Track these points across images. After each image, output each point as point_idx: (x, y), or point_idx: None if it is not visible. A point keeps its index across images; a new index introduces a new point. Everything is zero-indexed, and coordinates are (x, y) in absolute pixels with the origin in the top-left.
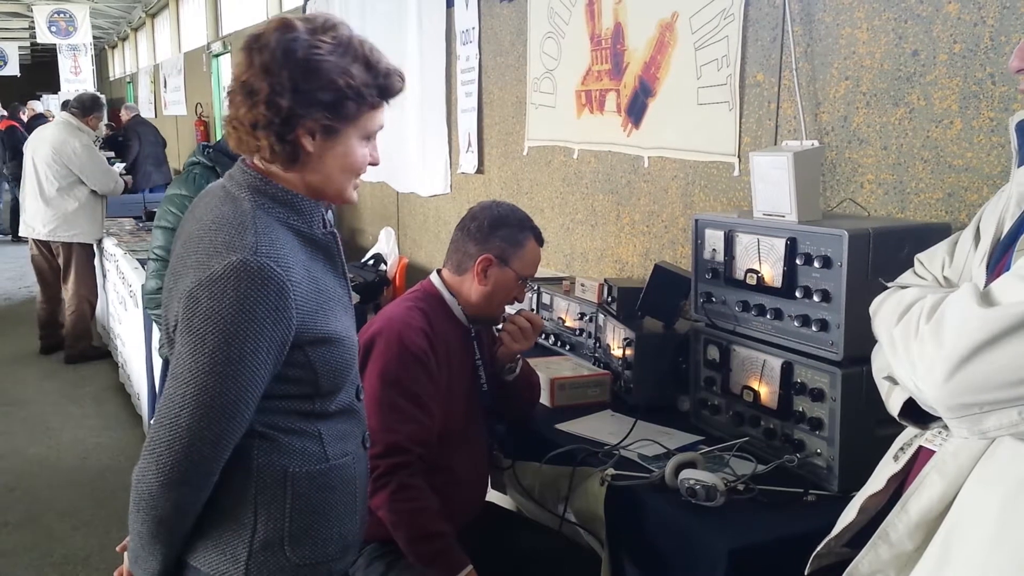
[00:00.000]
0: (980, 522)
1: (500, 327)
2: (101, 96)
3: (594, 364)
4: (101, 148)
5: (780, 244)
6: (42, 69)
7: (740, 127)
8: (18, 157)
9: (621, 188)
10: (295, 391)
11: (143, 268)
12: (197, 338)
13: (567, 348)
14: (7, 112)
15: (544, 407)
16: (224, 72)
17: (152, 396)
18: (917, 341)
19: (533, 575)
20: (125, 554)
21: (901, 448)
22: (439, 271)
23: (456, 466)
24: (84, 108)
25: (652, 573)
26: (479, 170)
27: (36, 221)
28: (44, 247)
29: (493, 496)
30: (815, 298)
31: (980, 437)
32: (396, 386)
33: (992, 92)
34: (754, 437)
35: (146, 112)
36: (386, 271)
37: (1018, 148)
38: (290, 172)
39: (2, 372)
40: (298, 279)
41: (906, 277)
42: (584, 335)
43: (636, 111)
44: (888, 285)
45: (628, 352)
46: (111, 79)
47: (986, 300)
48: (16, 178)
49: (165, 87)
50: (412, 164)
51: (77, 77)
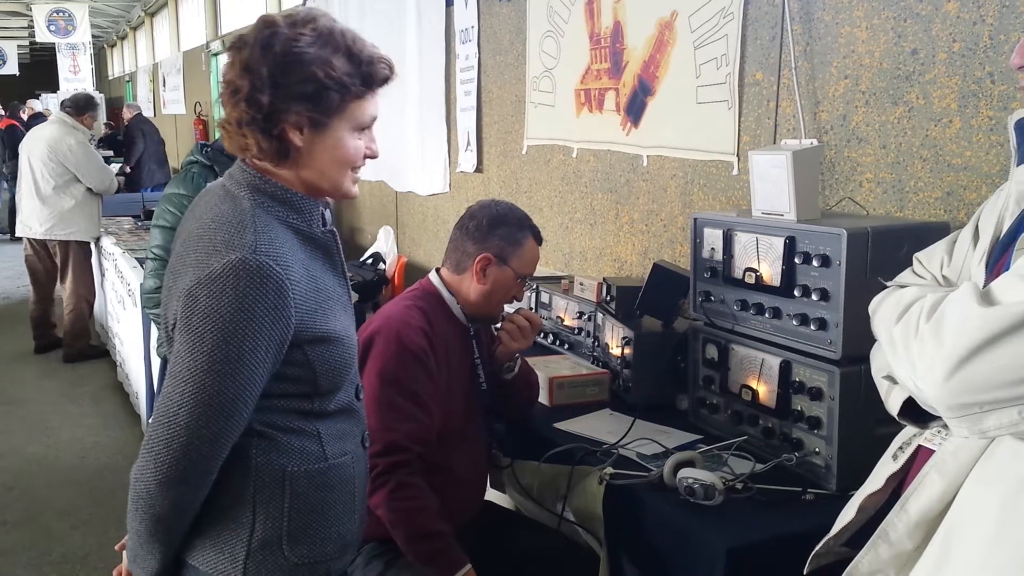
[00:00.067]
0: (980, 521)
1: (499, 326)
2: (95, 96)
3: (593, 363)
4: (100, 147)
5: (779, 243)
6: (41, 68)
7: (739, 126)
8: (18, 156)
9: (620, 187)
10: (294, 390)
11: (141, 267)
12: (196, 336)
13: (566, 347)
14: (7, 111)
15: (543, 406)
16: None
17: (151, 395)
18: (917, 340)
19: (532, 574)
20: (124, 553)
21: (900, 447)
22: (438, 270)
23: (455, 465)
24: (78, 107)
25: (650, 572)
26: (478, 169)
27: (32, 220)
28: (40, 247)
29: (492, 495)
30: (814, 297)
31: (980, 436)
32: (395, 385)
33: (991, 91)
34: (752, 436)
35: (145, 111)
36: (385, 270)
37: (1017, 147)
38: (284, 169)
39: (0, 371)
40: (297, 278)
41: (905, 276)
42: (583, 334)
43: (635, 110)
44: (887, 284)
45: (627, 351)
46: (110, 78)
47: (986, 299)
48: (15, 177)
49: (164, 86)
50: (411, 163)
51: (76, 76)
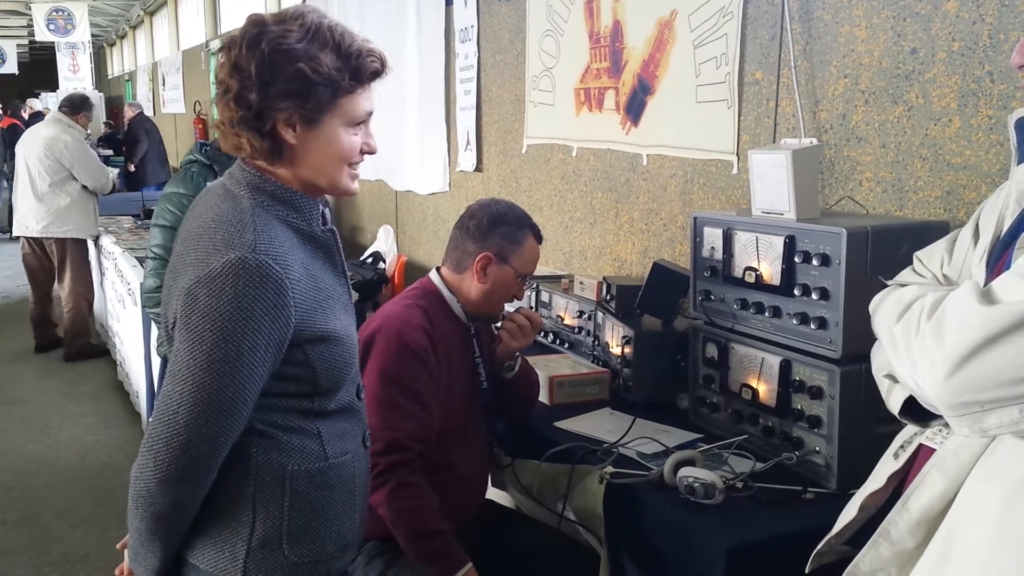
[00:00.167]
0: (981, 520)
1: (499, 325)
2: (90, 96)
3: (593, 362)
4: (100, 146)
5: (779, 242)
6: (41, 67)
7: (739, 125)
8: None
9: (620, 186)
10: (294, 389)
11: (142, 266)
12: (195, 335)
13: (566, 346)
14: (9, 111)
15: (543, 405)
16: None
17: (151, 394)
18: (918, 339)
19: (532, 573)
20: (125, 551)
21: (901, 446)
22: (438, 269)
23: (456, 464)
24: (74, 106)
25: (651, 571)
26: (478, 168)
27: (29, 218)
28: (37, 246)
29: (492, 494)
30: (814, 296)
31: (981, 435)
32: (396, 383)
33: (991, 90)
34: (753, 435)
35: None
36: (385, 269)
37: (1017, 146)
38: (280, 167)
39: (0, 370)
40: (297, 277)
41: (905, 275)
42: (583, 333)
43: (635, 109)
44: (888, 283)
45: (627, 350)
46: (109, 77)
47: (987, 298)
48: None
49: (163, 85)
50: (411, 162)
51: (76, 75)
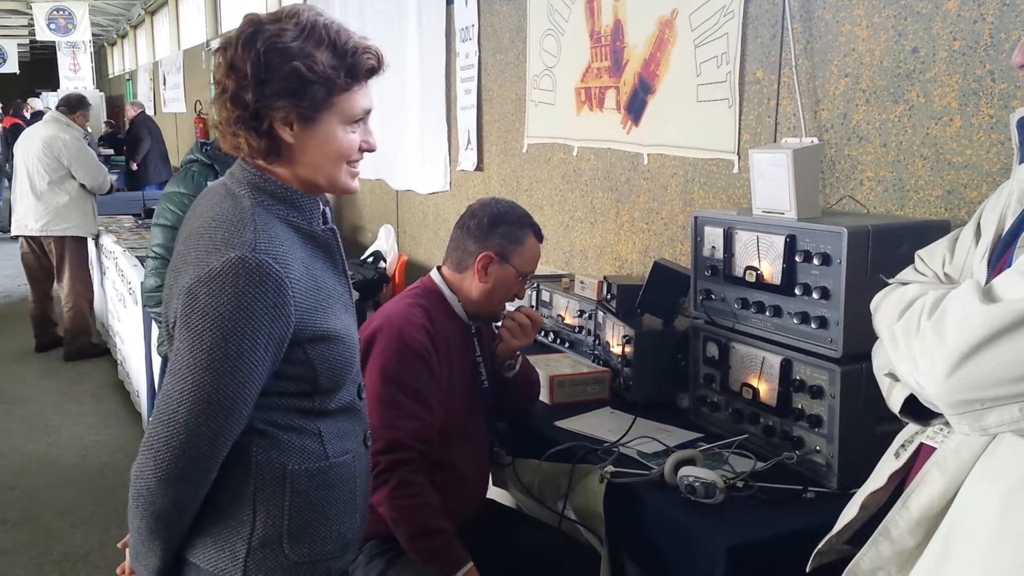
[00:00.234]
0: (981, 519)
1: (500, 324)
2: (87, 95)
3: (593, 361)
4: (101, 145)
5: (779, 241)
6: (41, 66)
7: (740, 124)
8: None
9: (620, 185)
10: (294, 388)
11: (142, 265)
12: (195, 334)
13: (566, 345)
14: (10, 110)
15: (544, 404)
16: None
17: (151, 393)
18: (919, 337)
19: (533, 572)
20: (127, 550)
21: (902, 445)
22: (439, 268)
23: (457, 463)
24: (71, 106)
25: (651, 570)
26: (478, 167)
27: (28, 217)
28: (36, 245)
29: (493, 493)
30: (814, 295)
31: (981, 434)
32: (397, 382)
33: (992, 89)
34: (753, 434)
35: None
36: (385, 268)
37: (1019, 145)
38: (279, 166)
39: (1, 370)
40: (297, 276)
41: (906, 273)
42: (583, 332)
43: (636, 108)
44: (889, 281)
45: (627, 349)
46: (110, 76)
47: (988, 296)
48: None
49: (164, 84)
50: (411, 161)
51: (76, 74)
